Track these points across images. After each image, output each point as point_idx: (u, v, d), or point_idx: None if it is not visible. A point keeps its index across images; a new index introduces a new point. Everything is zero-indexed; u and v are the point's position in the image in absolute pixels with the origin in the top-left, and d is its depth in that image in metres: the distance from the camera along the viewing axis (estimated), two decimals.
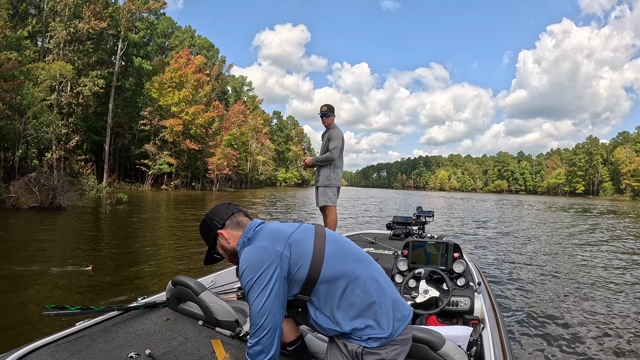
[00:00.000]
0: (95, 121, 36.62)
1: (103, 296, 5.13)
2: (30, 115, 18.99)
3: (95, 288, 5.43)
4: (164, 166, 39.62)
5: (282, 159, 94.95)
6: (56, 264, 6.50)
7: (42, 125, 18.23)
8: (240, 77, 79.07)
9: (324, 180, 4.90)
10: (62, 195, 14.77)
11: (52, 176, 15.89)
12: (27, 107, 18.54)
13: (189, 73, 40.24)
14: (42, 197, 14.21)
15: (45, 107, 22.13)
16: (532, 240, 12.73)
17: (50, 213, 13.51)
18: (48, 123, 19.97)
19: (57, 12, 32.40)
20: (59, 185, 14.71)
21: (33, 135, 18.62)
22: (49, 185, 14.36)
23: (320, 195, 4.92)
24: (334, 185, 4.90)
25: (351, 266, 1.50)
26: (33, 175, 14.46)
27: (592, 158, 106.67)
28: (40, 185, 14.27)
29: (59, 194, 14.62)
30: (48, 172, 18.18)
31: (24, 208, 13.98)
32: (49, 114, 22.19)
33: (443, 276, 2.86)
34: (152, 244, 9.03)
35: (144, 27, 43.95)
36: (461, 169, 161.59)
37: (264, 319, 1.39)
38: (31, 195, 14.21)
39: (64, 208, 14.45)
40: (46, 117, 19.37)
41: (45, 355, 1.74)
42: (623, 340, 4.42)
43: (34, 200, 14.17)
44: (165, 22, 54.91)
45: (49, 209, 14.07)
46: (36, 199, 14.14)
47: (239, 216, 1.63)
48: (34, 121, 18.74)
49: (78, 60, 32.49)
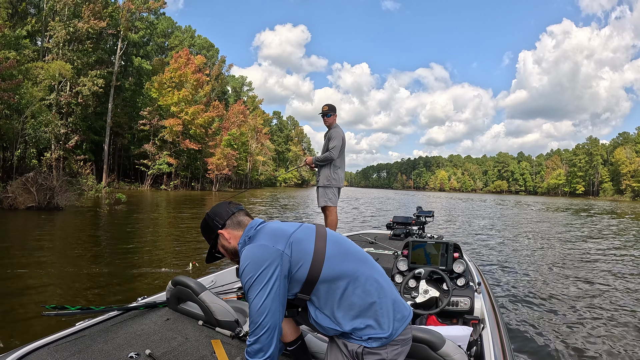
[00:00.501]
0: (94, 121, 36.54)
1: (101, 297, 5.05)
2: (29, 115, 18.89)
3: (92, 288, 5.35)
4: (164, 166, 39.53)
5: (282, 159, 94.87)
6: (53, 264, 6.41)
7: (40, 125, 18.13)
8: (240, 77, 79.15)
9: (324, 181, 4.90)
10: (60, 195, 14.67)
11: (51, 176, 15.80)
12: (25, 106, 18.45)
13: (189, 73, 40.16)
14: (40, 197, 14.11)
15: (43, 106, 22.03)
16: (532, 240, 12.69)
17: (47, 213, 13.41)
18: (46, 123, 19.86)
19: (56, 12, 32.33)
20: (56, 185, 14.59)
21: (31, 135, 18.52)
22: (46, 185, 14.25)
23: (321, 196, 4.93)
24: (334, 186, 4.89)
25: (352, 266, 1.50)
26: (31, 175, 14.35)
27: (592, 158, 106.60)
28: (38, 185, 14.16)
29: (57, 194, 14.52)
30: (47, 172, 18.09)
31: (22, 208, 13.88)
32: (47, 113, 22.08)
33: (443, 276, 2.85)
34: (149, 244, 8.94)
35: (144, 27, 43.85)
36: (461, 169, 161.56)
37: (263, 317, 1.39)
38: (29, 195, 14.11)
39: (61, 208, 14.36)
40: (44, 117, 19.25)
41: (45, 355, 1.74)
42: (623, 339, 4.39)
43: (32, 200, 14.06)
44: (165, 22, 54.89)
45: (47, 209, 13.97)
46: (34, 199, 14.04)
47: (240, 216, 1.62)
48: (32, 121, 18.65)
49: (77, 60, 32.43)
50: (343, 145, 4.87)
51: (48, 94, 28.55)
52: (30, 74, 24.43)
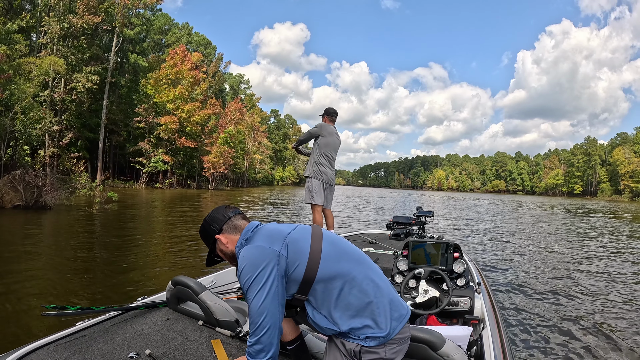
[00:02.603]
0: (89, 118, 36.04)
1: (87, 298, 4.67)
2: (19, 111, 18.42)
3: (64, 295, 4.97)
4: (159, 164, 39.01)
5: (280, 158, 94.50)
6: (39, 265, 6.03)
7: (30, 121, 17.65)
8: (238, 74, 78.69)
9: (306, 173, 5.12)
10: (50, 194, 14.25)
11: (42, 174, 15.32)
12: (15, 102, 17.97)
13: (185, 70, 39.65)
14: (27, 195, 13.68)
15: (34, 102, 21.55)
16: (532, 240, 12.64)
17: (34, 212, 13.00)
18: (37, 119, 19.37)
19: (51, 7, 31.79)
20: (44, 184, 14.15)
21: (21, 132, 18.04)
22: (34, 184, 13.82)
23: (305, 192, 5.08)
24: (313, 178, 4.97)
25: (348, 266, 1.51)
26: (17, 172, 13.91)
27: (590, 159, 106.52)
28: (26, 183, 13.74)
29: (45, 192, 14.10)
30: (38, 170, 17.60)
31: (8, 207, 13.45)
32: (38, 109, 21.59)
33: (443, 276, 2.85)
34: (135, 248, 8.55)
35: (140, 23, 43.35)
36: (459, 168, 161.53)
37: (263, 317, 1.40)
38: (16, 193, 13.67)
39: (49, 207, 13.93)
40: (34, 113, 18.75)
41: (45, 355, 1.74)
42: (623, 339, 4.39)
43: (19, 198, 13.63)
44: (162, 18, 54.39)
45: (34, 208, 13.54)
46: (21, 197, 13.62)
47: (236, 220, 1.64)
48: (22, 117, 18.17)
49: (72, 56, 31.92)
50: (326, 138, 4.99)
51: (42, 90, 28.06)
52: (22, 70, 23.98)
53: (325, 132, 5.01)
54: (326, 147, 4.99)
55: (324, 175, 4.96)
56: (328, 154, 5.00)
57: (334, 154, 5.10)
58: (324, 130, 5.01)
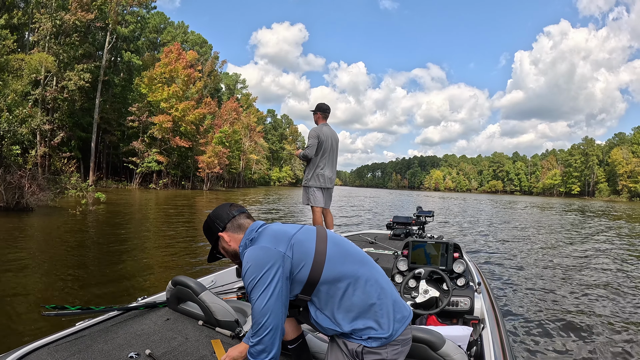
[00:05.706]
0: (81, 117, 35.33)
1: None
2: (4, 108, 17.73)
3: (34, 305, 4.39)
4: (153, 164, 38.29)
5: (276, 158, 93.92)
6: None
7: (15, 119, 16.95)
8: (234, 74, 78.00)
9: (305, 181, 5.06)
10: (34, 195, 13.59)
11: (27, 174, 14.63)
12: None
13: (180, 68, 38.98)
14: (8, 196, 13.01)
15: (20, 99, 20.85)
16: (532, 240, 12.57)
17: (15, 214, 12.35)
18: (24, 117, 18.66)
19: (43, 4, 31.07)
20: (27, 184, 13.49)
21: (6, 130, 17.33)
22: (15, 184, 13.16)
23: (303, 195, 5.08)
24: (313, 186, 4.93)
25: (352, 268, 1.50)
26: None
27: (587, 159, 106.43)
28: (7, 183, 13.08)
29: (29, 193, 13.44)
30: (28, 170, 16.90)
31: None
32: (25, 106, 20.90)
33: (443, 276, 2.83)
34: (113, 257, 7.96)
35: (134, 21, 42.63)
36: (456, 169, 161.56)
37: (266, 318, 1.39)
38: None
39: (31, 209, 13.27)
40: (20, 111, 18.05)
41: (45, 355, 1.73)
42: (623, 339, 4.36)
43: (0, 199, 12.98)
44: (158, 17, 53.84)
45: (15, 210, 12.88)
46: (2, 198, 12.95)
47: (241, 219, 1.62)
48: (6, 114, 17.47)
49: (63, 53, 31.22)
50: (323, 144, 4.90)
51: (30, 88, 27.33)
52: (10, 67, 23.24)
53: (322, 137, 4.94)
54: (324, 150, 4.99)
55: (323, 178, 4.98)
56: (327, 155, 5.01)
57: (334, 153, 5.09)
58: (322, 135, 4.96)
